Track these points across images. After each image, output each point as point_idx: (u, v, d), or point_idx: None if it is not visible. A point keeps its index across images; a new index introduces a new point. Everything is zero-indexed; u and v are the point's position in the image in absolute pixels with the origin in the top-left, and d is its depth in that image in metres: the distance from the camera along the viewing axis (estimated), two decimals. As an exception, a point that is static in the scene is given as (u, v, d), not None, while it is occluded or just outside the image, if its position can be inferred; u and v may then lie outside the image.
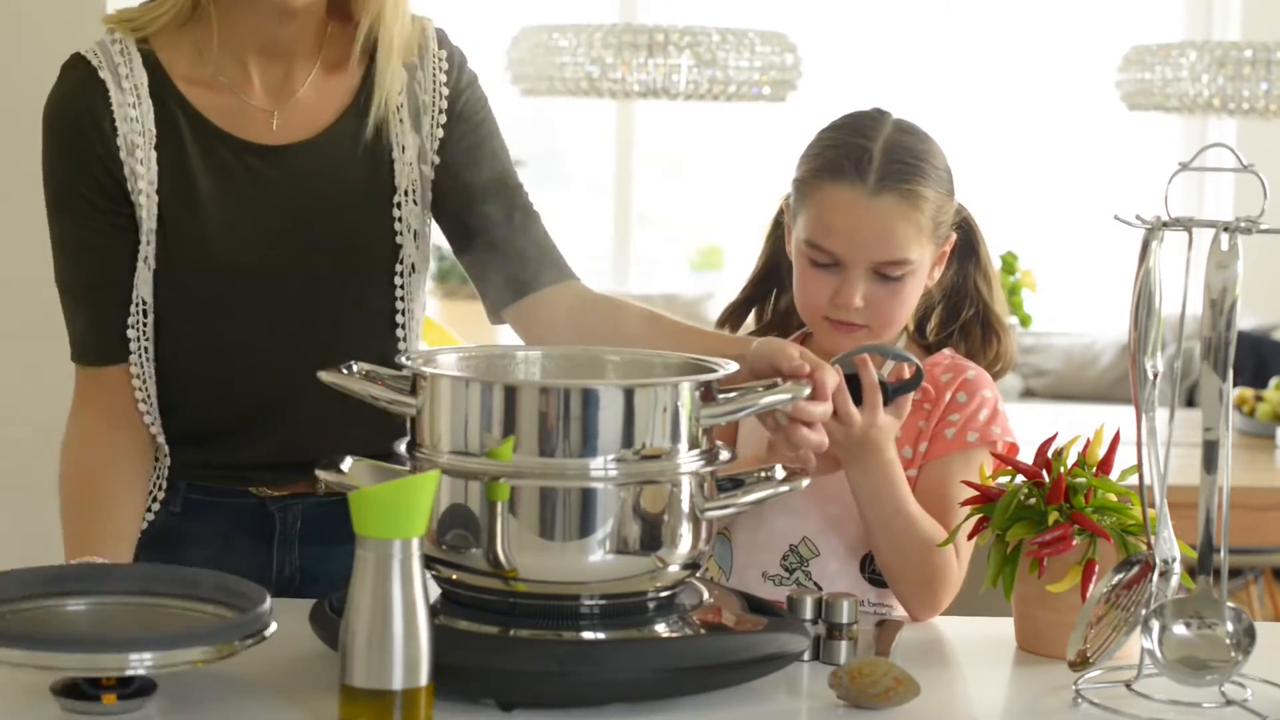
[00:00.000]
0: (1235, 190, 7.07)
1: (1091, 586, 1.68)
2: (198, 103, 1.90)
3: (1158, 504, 1.63)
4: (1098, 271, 7.07)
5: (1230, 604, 1.61)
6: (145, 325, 1.91)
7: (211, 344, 1.92)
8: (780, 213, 2.03)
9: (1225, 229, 1.58)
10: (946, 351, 1.99)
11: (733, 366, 1.67)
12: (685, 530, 1.60)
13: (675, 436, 1.58)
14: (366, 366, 1.66)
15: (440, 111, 1.96)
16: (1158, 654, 1.60)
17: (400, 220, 1.94)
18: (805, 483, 1.66)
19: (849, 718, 1.56)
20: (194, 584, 1.63)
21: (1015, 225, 7.17)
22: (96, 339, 1.93)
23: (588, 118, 7.63)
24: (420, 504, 1.43)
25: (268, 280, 1.90)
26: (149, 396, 1.93)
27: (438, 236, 2.06)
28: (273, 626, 1.54)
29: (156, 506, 1.97)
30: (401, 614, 1.41)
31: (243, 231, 1.89)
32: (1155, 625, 1.60)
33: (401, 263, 1.95)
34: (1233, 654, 1.59)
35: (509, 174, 2.01)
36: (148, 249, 1.88)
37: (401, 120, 1.94)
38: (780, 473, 1.67)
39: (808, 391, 1.68)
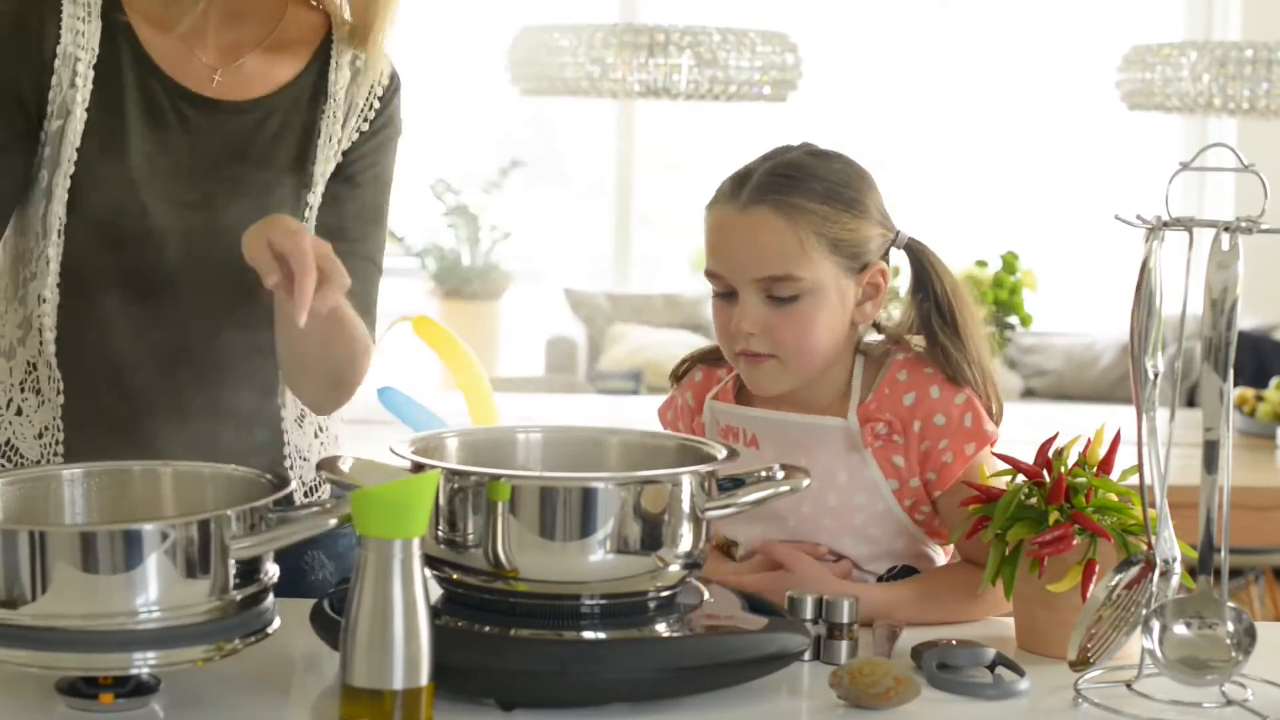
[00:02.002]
0: (1236, 190, 7.08)
1: (1092, 586, 1.68)
2: (145, 39, 1.91)
3: (1158, 504, 1.63)
4: (1098, 271, 7.07)
5: (1230, 604, 1.61)
6: (58, 246, 1.88)
7: (111, 278, 1.90)
8: None
9: (1226, 229, 1.58)
10: (898, 358, 1.91)
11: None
12: (685, 530, 1.60)
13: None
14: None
15: (365, 120, 1.99)
16: (1158, 654, 1.60)
17: (309, 208, 1.96)
18: (806, 483, 1.66)
19: (849, 718, 1.56)
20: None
21: (1015, 225, 7.18)
22: None
23: (588, 118, 7.64)
24: (421, 504, 1.43)
25: (175, 228, 1.90)
26: (51, 321, 1.89)
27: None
28: (275, 624, 1.54)
29: (58, 456, 1.91)
30: (402, 614, 1.41)
31: (161, 173, 1.89)
32: (1156, 625, 1.60)
33: None
34: (1233, 654, 1.59)
35: (379, 219, 2.02)
36: (69, 166, 1.87)
37: (334, 114, 1.97)
38: (780, 473, 1.67)
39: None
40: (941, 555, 1.95)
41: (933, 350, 1.90)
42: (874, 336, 1.96)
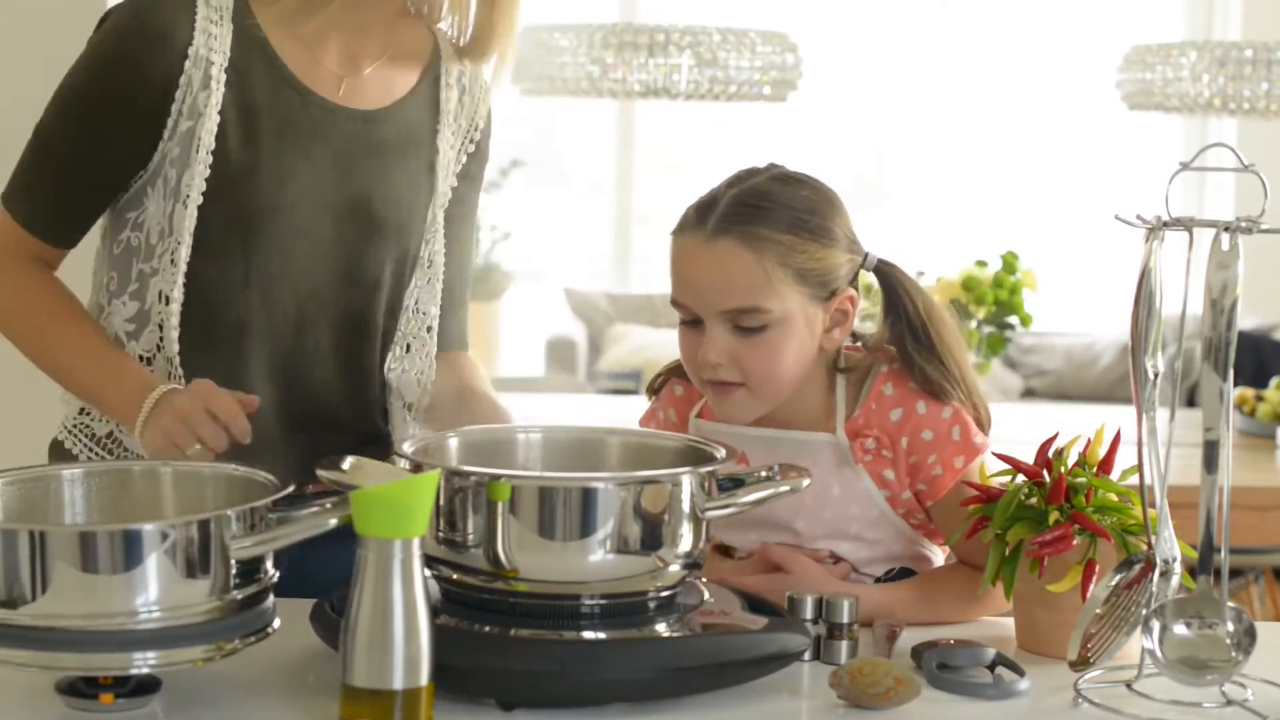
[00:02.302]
0: (1236, 190, 7.08)
1: (1092, 586, 1.68)
2: (275, 44, 1.92)
3: (1158, 504, 1.63)
4: (1098, 271, 7.07)
5: (1230, 604, 1.61)
6: (188, 245, 1.89)
7: (236, 280, 1.91)
8: None
9: (1226, 229, 1.58)
10: (881, 370, 1.90)
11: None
12: (685, 530, 1.60)
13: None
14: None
15: (471, 142, 2.04)
16: (1158, 654, 1.60)
17: (436, 223, 2.01)
18: (806, 483, 1.66)
19: (849, 718, 1.56)
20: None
21: (1015, 225, 7.17)
22: (64, 216, 1.92)
23: (588, 118, 7.63)
24: (421, 504, 1.43)
25: (304, 232, 1.92)
26: (175, 320, 1.91)
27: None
28: (275, 624, 1.54)
29: None
30: (402, 614, 1.41)
31: (294, 177, 1.91)
32: (1156, 625, 1.60)
33: (431, 264, 2.01)
34: (1233, 654, 1.59)
35: (471, 239, 2.10)
36: (203, 169, 1.88)
37: (447, 133, 2.01)
38: (780, 473, 1.67)
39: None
40: (939, 555, 1.95)
41: (910, 370, 1.88)
42: (850, 341, 1.94)
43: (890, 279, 1.90)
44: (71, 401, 1.99)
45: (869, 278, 1.93)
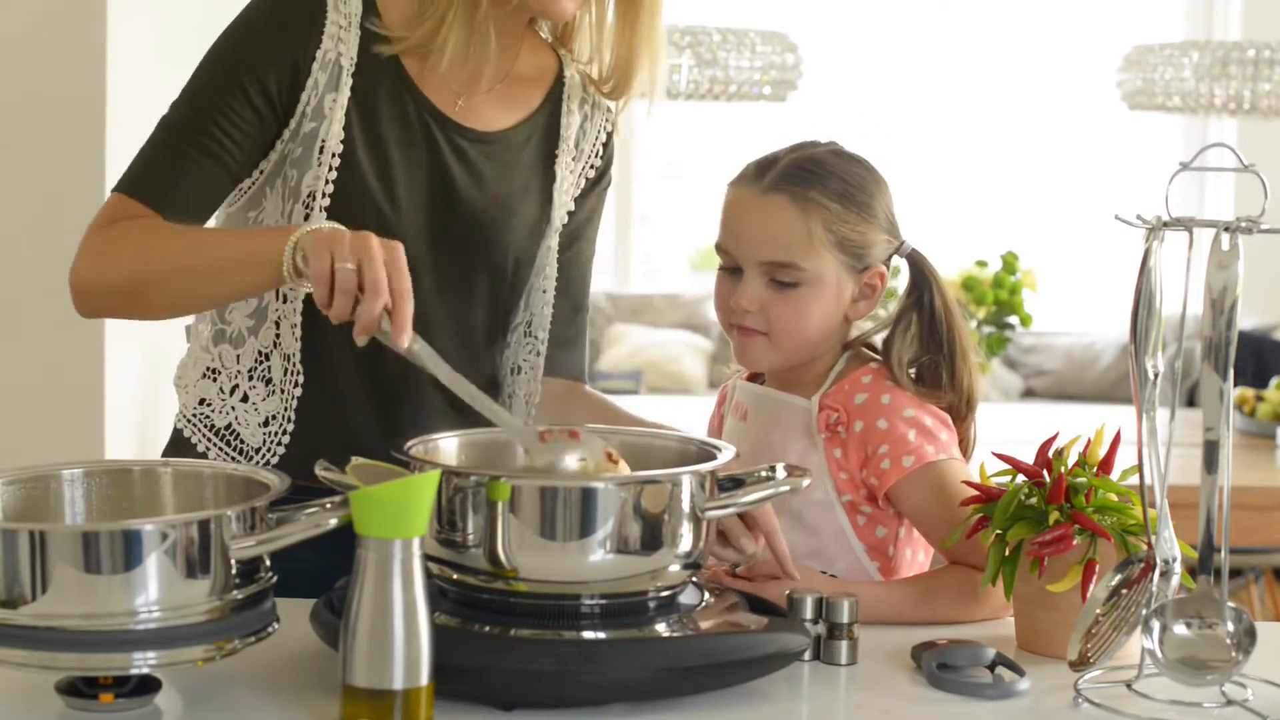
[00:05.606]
0: (1236, 190, 7.08)
1: (1092, 586, 1.68)
2: (401, 54, 1.92)
3: (1158, 504, 1.63)
4: (1098, 271, 7.08)
5: (1231, 604, 1.61)
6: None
7: None
8: None
9: (1226, 229, 1.58)
10: (873, 365, 1.95)
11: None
12: (685, 530, 1.60)
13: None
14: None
15: (591, 167, 2.05)
16: (1158, 654, 1.60)
17: (550, 249, 2.02)
18: (806, 482, 1.66)
19: (849, 718, 1.56)
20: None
21: (1015, 225, 7.18)
22: (172, 187, 1.84)
23: (588, 118, 7.64)
24: (421, 504, 1.43)
25: (421, 247, 1.92)
26: (292, 320, 1.92)
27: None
28: (274, 624, 1.54)
29: (282, 446, 1.94)
30: (402, 614, 1.41)
31: (409, 185, 1.91)
32: (1156, 625, 1.60)
33: (545, 291, 2.03)
34: (1233, 654, 1.59)
35: (590, 263, 2.10)
36: (327, 171, 1.88)
37: (566, 159, 2.01)
38: (781, 473, 1.67)
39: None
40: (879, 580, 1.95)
41: (923, 354, 1.93)
42: (872, 335, 2.00)
43: (920, 268, 1.98)
44: (190, 390, 1.99)
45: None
